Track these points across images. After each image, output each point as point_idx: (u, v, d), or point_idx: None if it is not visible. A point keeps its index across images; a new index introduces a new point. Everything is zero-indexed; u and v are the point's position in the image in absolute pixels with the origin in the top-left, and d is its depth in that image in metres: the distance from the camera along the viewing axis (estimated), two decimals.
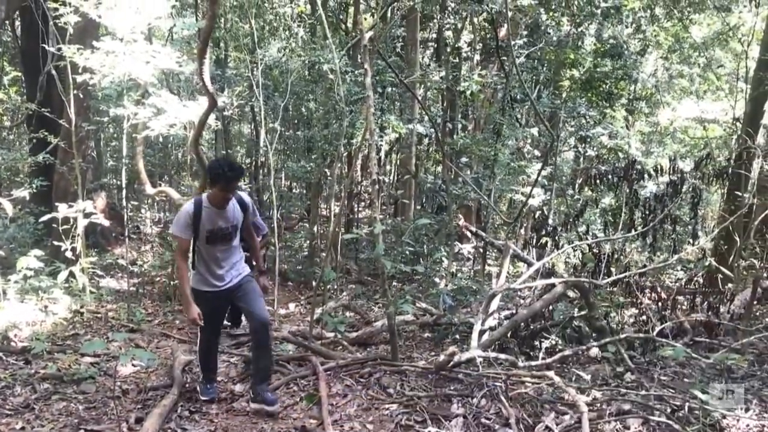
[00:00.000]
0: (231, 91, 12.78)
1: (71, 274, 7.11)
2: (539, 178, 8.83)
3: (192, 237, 4.48)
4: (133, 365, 5.57)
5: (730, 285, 8.69)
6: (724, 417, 4.47)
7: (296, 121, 13.86)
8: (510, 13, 10.85)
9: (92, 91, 8.55)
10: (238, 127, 18.99)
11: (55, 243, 7.49)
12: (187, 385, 5.15)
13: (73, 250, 7.21)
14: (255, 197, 15.50)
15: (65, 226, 7.22)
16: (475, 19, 13.37)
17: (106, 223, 7.83)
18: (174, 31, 11.00)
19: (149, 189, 9.58)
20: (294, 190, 18.47)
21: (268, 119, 12.40)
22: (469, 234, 10.46)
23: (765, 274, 8.47)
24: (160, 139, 13.13)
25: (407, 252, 9.78)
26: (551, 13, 11.90)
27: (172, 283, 8.68)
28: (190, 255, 4.62)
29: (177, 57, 7.62)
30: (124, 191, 8.57)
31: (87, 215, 7.27)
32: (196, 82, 12.77)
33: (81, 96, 7.63)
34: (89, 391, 4.92)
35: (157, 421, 4.23)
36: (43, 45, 9.17)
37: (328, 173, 12.22)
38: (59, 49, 7.29)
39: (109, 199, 11.87)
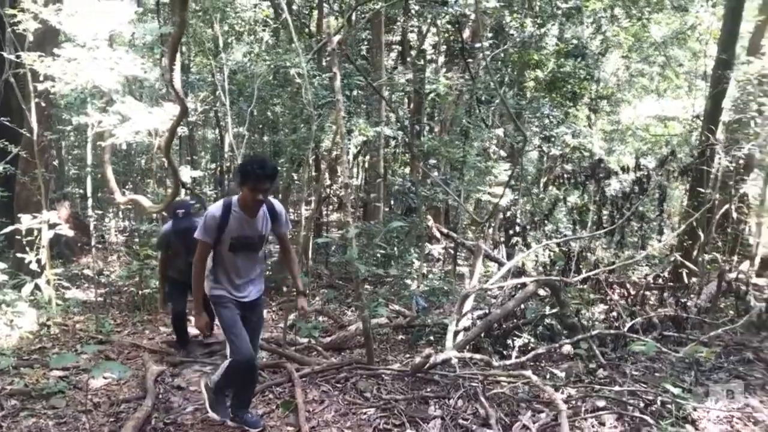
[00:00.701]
0: (195, 96, 12.64)
1: (36, 287, 6.96)
2: (511, 179, 8.91)
3: (214, 242, 4.11)
4: (104, 378, 5.47)
5: (694, 279, 8.89)
6: (695, 409, 4.56)
7: (262, 126, 13.77)
8: (473, 15, 10.94)
9: (54, 99, 8.37)
10: (203, 133, 18.80)
11: (19, 255, 7.32)
12: (160, 396, 5.08)
13: (38, 261, 7.04)
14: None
15: (29, 238, 7.05)
16: (439, 22, 13.45)
17: (71, 233, 7.66)
18: (136, 36, 10.84)
19: (119, 197, 9.42)
20: None
21: (233, 124, 12.30)
22: (438, 235, 10.50)
23: (727, 268, 8.69)
24: (123, 147, 12.93)
25: (378, 255, 9.78)
26: (514, 15, 12.02)
27: (140, 292, 8.55)
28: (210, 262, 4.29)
29: (141, 63, 7.51)
30: (89, 200, 8.41)
31: (51, 226, 7.11)
32: (159, 88, 12.64)
33: (42, 104, 7.45)
34: (59, 406, 4.81)
35: None
36: (1, 52, 8.96)
37: (297, 178, 12.16)
38: (18, 57, 7.12)
39: (72, 209, 11.64)
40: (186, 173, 9.95)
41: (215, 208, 4.08)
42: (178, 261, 6.23)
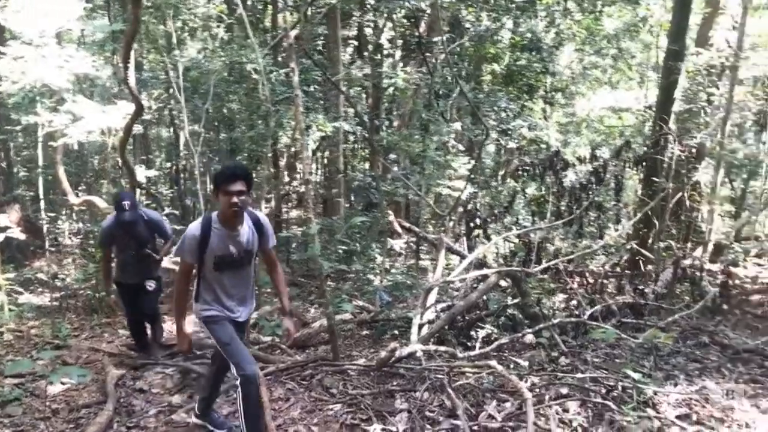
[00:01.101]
0: (149, 94, 12.40)
1: None
2: (473, 172, 8.97)
3: (196, 262, 3.82)
4: (62, 383, 5.34)
5: (651, 266, 9.10)
6: (655, 393, 4.67)
7: (218, 123, 13.58)
8: (429, 10, 10.97)
9: (1, 99, 8.12)
10: (157, 131, 18.46)
11: None
12: (121, 400, 4.98)
13: None
14: (178, 202, 15.12)
15: None
16: (395, 16, 13.44)
17: (23, 236, 7.45)
18: (86, 34, 10.57)
19: (72, 198, 9.19)
20: None
21: (189, 122, 12.10)
22: (400, 229, 10.53)
23: (682, 255, 8.91)
24: (76, 147, 12.61)
25: (341, 251, 9.75)
26: (470, 9, 12.09)
27: (97, 295, 8.36)
28: (195, 285, 3.99)
29: (92, 61, 7.34)
30: (41, 202, 8.18)
31: (2, 229, 6.91)
32: (112, 86, 12.36)
33: None
34: (15, 414, 4.69)
35: None
36: None
37: (255, 175, 12.03)
38: None
39: (23, 212, 11.31)
40: (141, 173, 9.78)
41: (194, 226, 3.78)
42: (124, 257, 5.88)
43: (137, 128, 11.83)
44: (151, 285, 5.90)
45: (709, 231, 10.75)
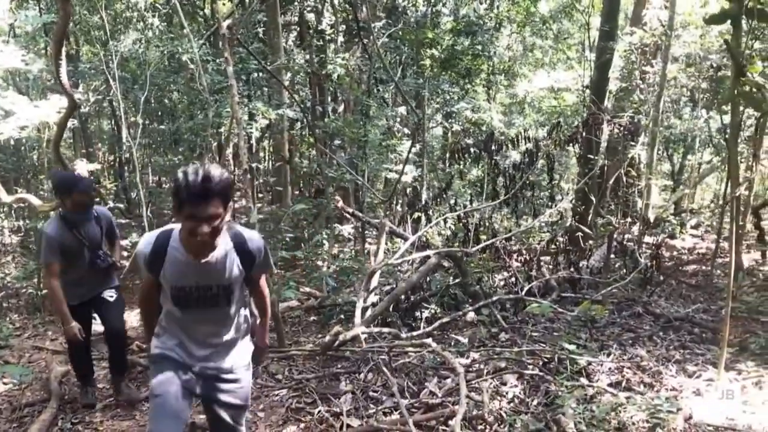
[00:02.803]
0: (86, 86, 12.13)
1: None
2: (409, 156, 9.09)
3: (153, 278, 2.68)
4: (3, 383, 5.28)
5: (590, 242, 9.41)
6: (589, 363, 4.89)
7: (159, 114, 13.38)
8: None
9: None
10: (97, 124, 18.05)
11: None
12: (66, 397, 4.96)
13: None
14: (123, 195, 14.88)
15: None
16: (336, 1, 13.42)
17: None
18: (16, 26, 10.29)
19: (5, 197, 8.96)
20: (164, 186, 17.86)
21: (129, 113, 11.90)
22: (347, 215, 10.60)
23: (619, 229, 9.23)
24: (12, 143, 12.28)
25: (287, 238, 9.78)
26: None
27: (39, 294, 8.22)
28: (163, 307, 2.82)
29: (22, 54, 7.17)
30: None
31: None
32: (46, 79, 12.05)
33: None
34: None
35: None
36: None
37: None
38: None
39: None
40: (83, 167, 9.57)
41: (145, 241, 2.62)
42: (78, 269, 4.49)
43: (75, 122, 11.60)
44: (112, 295, 4.68)
45: (647, 206, 11.15)
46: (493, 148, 8.32)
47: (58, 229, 4.31)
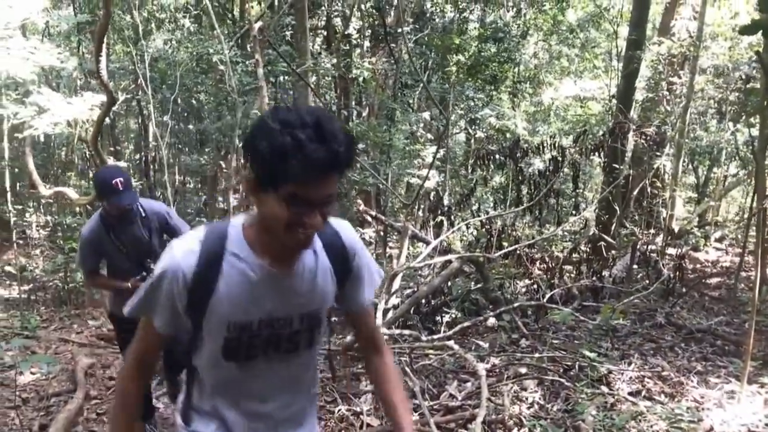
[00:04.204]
0: (116, 85, 12.33)
1: None
2: (434, 161, 9.13)
3: (175, 332, 1.62)
4: (31, 373, 5.39)
5: (613, 251, 9.36)
6: (609, 372, 4.89)
7: (186, 114, 13.55)
8: (396, 0, 11.07)
9: None
10: (125, 122, 18.31)
11: None
12: (91, 388, 5.05)
13: None
14: (148, 194, 15.07)
15: None
16: (363, 6, 13.51)
17: None
18: (51, 25, 10.51)
19: (43, 190, 9.17)
20: (188, 185, 18.05)
21: (157, 113, 12.08)
22: (369, 218, 10.66)
23: (643, 240, 9.19)
24: (42, 138, 12.52)
25: None
26: (435, 0, 12.23)
27: (66, 287, 8.39)
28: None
29: (57, 53, 7.33)
30: (8, 195, 8.17)
31: None
32: (78, 77, 12.27)
33: None
34: None
35: (63, 426, 4.15)
36: None
37: (224, 166, 12.06)
38: None
39: None
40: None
41: (184, 249, 1.54)
42: (118, 277, 3.79)
43: (106, 119, 11.80)
44: None
45: (671, 217, 11.05)
46: (518, 154, 8.33)
47: (95, 230, 3.67)
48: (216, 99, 10.91)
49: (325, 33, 15.23)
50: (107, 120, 11.95)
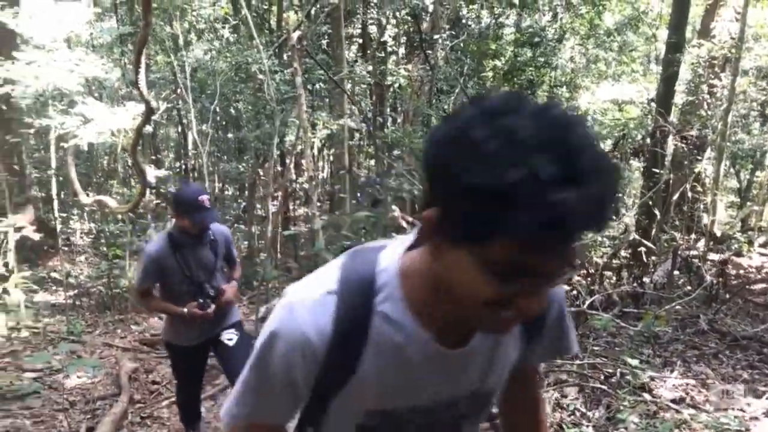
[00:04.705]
0: (157, 94, 12.61)
1: (5, 291, 6.96)
2: None
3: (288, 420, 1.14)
4: (77, 377, 5.53)
5: (653, 257, 9.22)
6: (652, 379, 4.82)
7: (225, 123, 13.78)
8: (432, 7, 11.12)
9: (14, 103, 8.34)
10: (166, 131, 18.69)
11: None
12: (135, 392, 5.16)
13: (5, 265, 7.05)
14: None
15: None
16: (398, 14, 13.60)
17: (37, 236, 7.66)
18: (94, 37, 10.80)
19: (84, 198, 9.41)
20: (227, 192, 18.33)
21: (196, 121, 12.32)
22: (405, 225, 10.66)
23: (683, 245, 9.02)
24: (85, 147, 12.86)
25: (345, 245, 9.93)
26: (471, 6, 12.24)
27: (110, 292, 8.57)
28: None
29: (101, 64, 7.54)
30: (55, 202, 8.40)
31: (17, 229, 7.12)
32: (120, 88, 12.58)
33: (3, 108, 7.44)
34: (35, 406, 4.88)
35: (109, 429, 4.26)
36: None
37: (262, 173, 12.22)
38: None
39: (36, 212, 11.54)
40: (151, 173, 9.96)
41: (304, 308, 1.01)
42: (177, 302, 3.54)
43: (146, 128, 12.06)
44: (231, 337, 3.68)
45: (712, 222, 10.83)
46: None
47: (162, 248, 3.46)
48: (254, 108, 11.07)
49: (361, 41, 15.38)
50: (148, 129, 12.22)
